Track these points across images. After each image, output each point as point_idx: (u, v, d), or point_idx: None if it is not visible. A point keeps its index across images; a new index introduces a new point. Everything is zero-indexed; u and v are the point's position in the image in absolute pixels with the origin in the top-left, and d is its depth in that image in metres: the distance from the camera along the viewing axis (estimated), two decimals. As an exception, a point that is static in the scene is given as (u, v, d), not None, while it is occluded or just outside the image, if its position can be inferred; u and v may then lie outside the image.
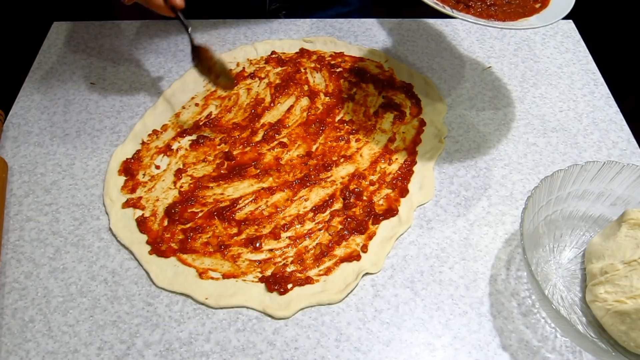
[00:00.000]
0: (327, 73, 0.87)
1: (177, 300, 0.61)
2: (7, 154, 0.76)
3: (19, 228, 0.67)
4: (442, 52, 0.91)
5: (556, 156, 0.76)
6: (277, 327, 0.59)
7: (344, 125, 0.79)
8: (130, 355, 0.57)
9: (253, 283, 0.62)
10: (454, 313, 0.60)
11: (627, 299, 0.55)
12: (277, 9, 0.99)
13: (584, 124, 0.80)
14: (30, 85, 0.85)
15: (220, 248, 0.65)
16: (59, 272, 0.63)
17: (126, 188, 0.71)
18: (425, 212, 0.70)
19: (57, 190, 0.71)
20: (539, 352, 0.58)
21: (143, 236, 0.66)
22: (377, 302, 0.61)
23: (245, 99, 0.83)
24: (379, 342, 0.58)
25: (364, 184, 0.72)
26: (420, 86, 0.84)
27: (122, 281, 0.63)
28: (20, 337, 0.58)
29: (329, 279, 0.63)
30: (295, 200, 0.70)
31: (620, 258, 0.57)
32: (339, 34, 0.94)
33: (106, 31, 0.94)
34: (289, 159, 0.75)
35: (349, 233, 0.67)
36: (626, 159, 0.76)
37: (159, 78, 0.86)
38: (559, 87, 0.86)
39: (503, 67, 0.89)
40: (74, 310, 0.60)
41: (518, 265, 0.65)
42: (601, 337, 0.58)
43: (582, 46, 0.93)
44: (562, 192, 0.65)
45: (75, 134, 0.78)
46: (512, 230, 0.68)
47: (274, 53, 0.89)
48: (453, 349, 0.58)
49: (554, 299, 0.61)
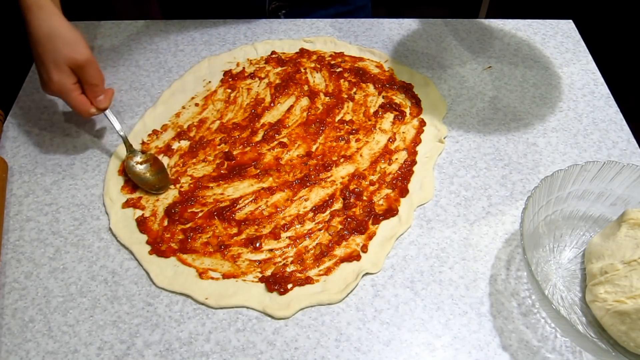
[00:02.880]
0: (327, 73, 0.87)
1: (177, 300, 0.61)
2: (7, 154, 0.76)
3: (19, 228, 0.67)
4: (442, 52, 0.91)
5: (556, 156, 0.76)
6: (277, 327, 0.59)
7: (344, 125, 0.79)
8: (130, 355, 0.57)
9: (253, 283, 0.62)
10: (454, 313, 0.60)
11: (627, 299, 0.55)
12: (277, 8, 0.99)
13: (584, 124, 0.80)
14: (30, 85, 0.85)
15: (220, 248, 0.65)
16: (59, 272, 0.63)
17: (126, 188, 0.71)
18: (425, 212, 0.70)
19: (57, 190, 0.71)
20: (539, 352, 0.58)
21: (143, 236, 0.66)
22: (377, 302, 0.61)
23: (245, 99, 0.83)
24: (379, 342, 0.58)
25: (364, 184, 0.72)
26: (420, 86, 0.84)
27: (122, 281, 0.63)
28: (20, 337, 0.58)
29: (329, 279, 0.63)
30: (295, 200, 0.70)
31: (620, 258, 0.57)
32: (339, 34, 0.94)
33: (106, 31, 0.94)
34: (289, 159, 0.75)
35: (349, 233, 0.67)
36: (626, 159, 0.76)
37: (159, 78, 0.86)
38: (559, 87, 0.86)
39: (503, 67, 0.89)
40: (74, 310, 0.60)
41: (518, 265, 0.65)
42: (601, 337, 0.58)
43: (582, 46, 0.93)
44: (562, 192, 0.65)
45: (75, 134, 0.78)
46: (512, 230, 0.68)
47: (274, 53, 0.89)
48: (453, 349, 0.58)
49: (554, 299, 0.61)
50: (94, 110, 0.70)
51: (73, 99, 0.68)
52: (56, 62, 0.66)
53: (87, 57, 0.67)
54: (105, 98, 0.71)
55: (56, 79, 0.66)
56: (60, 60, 0.66)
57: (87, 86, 0.69)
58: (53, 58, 0.66)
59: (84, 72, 0.68)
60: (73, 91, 0.68)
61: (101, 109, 0.71)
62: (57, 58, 0.66)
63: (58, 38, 0.66)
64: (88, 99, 0.70)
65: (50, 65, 0.66)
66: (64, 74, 0.67)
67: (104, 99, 0.71)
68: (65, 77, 0.67)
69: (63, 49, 0.66)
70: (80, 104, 0.69)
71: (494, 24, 0.97)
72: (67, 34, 0.66)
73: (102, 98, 0.71)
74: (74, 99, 0.68)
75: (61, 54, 0.66)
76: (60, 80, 0.67)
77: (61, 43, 0.66)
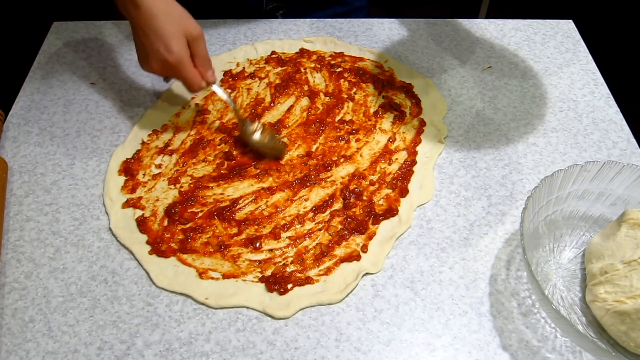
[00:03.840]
0: (327, 73, 0.87)
1: (177, 300, 0.61)
2: (7, 154, 0.76)
3: (19, 228, 0.67)
4: (442, 52, 0.91)
5: (556, 156, 0.76)
6: (277, 327, 0.59)
7: (344, 125, 0.79)
8: (130, 355, 0.57)
9: (253, 283, 0.62)
10: (454, 313, 0.60)
11: (627, 299, 0.55)
12: (274, 9, 0.99)
13: (584, 124, 0.80)
14: (30, 85, 0.85)
15: (220, 248, 0.65)
16: (59, 272, 0.63)
17: (126, 188, 0.71)
18: (425, 212, 0.70)
19: (57, 190, 0.71)
20: (539, 352, 0.58)
21: (143, 236, 0.66)
22: (377, 302, 0.61)
23: (245, 99, 0.83)
24: (379, 342, 0.58)
25: (364, 184, 0.72)
26: (420, 86, 0.84)
27: (122, 281, 0.63)
28: (20, 337, 0.58)
29: (329, 279, 0.63)
30: (295, 200, 0.70)
31: (620, 258, 0.57)
32: (339, 34, 0.94)
33: (106, 31, 0.94)
34: (289, 159, 0.75)
35: (349, 233, 0.67)
36: (626, 159, 0.76)
37: (159, 78, 0.86)
38: (559, 87, 0.86)
39: (503, 67, 0.89)
40: (74, 310, 0.60)
41: (518, 265, 0.65)
42: (601, 337, 0.58)
43: (582, 46, 0.93)
44: (562, 192, 0.65)
45: (75, 134, 0.78)
46: (512, 230, 0.68)
47: (274, 53, 0.89)
48: (453, 349, 0.58)
49: (554, 299, 0.61)
50: (204, 83, 0.72)
51: (189, 71, 0.70)
52: (175, 34, 0.67)
53: (200, 30, 0.70)
54: (213, 72, 0.73)
55: (176, 49, 0.68)
56: (179, 32, 0.68)
57: (199, 59, 0.71)
58: (172, 31, 0.67)
59: (197, 45, 0.70)
60: (190, 63, 0.70)
61: (210, 82, 0.73)
62: (176, 30, 0.67)
63: (175, 12, 0.68)
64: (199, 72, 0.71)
65: (170, 37, 0.67)
66: (183, 46, 0.68)
67: (213, 73, 0.73)
68: (184, 48, 0.68)
69: (181, 22, 0.68)
70: (194, 76, 0.71)
71: (494, 24, 0.97)
72: (180, 10, 0.69)
73: (211, 72, 0.73)
74: (189, 70, 0.70)
75: (180, 26, 0.68)
76: (180, 51, 0.68)
77: (178, 16, 0.68)
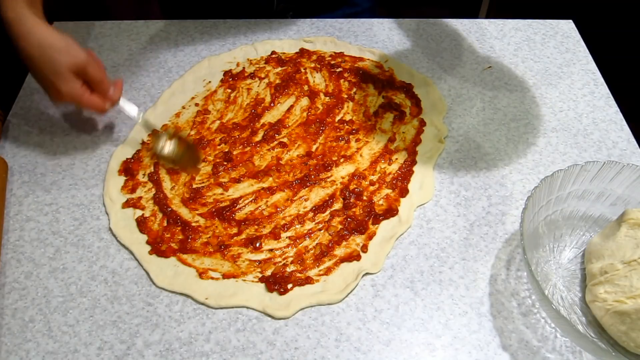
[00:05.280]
0: (327, 73, 0.87)
1: (177, 300, 0.61)
2: (7, 154, 0.76)
3: (19, 228, 0.67)
4: (442, 52, 0.91)
5: (556, 156, 0.76)
6: (277, 327, 0.59)
7: (344, 125, 0.79)
8: (130, 355, 0.57)
9: (253, 283, 0.62)
10: (454, 313, 0.60)
11: (627, 299, 0.55)
12: (285, 10, 0.98)
13: (584, 124, 0.80)
14: (30, 85, 0.85)
15: (220, 248, 0.65)
16: (59, 272, 0.63)
17: (126, 188, 0.71)
18: (425, 212, 0.70)
19: (57, 190, 0.71)
20: (539, 352, 0.58)
21: (143, 236, 0.66)
22: (377, 302, 0.61)
23: (245, 99, 0.83)
24: (379, 342, 0.58)
25: (364, 184, 0.72)
26: (420, 86, 0.84)
27: (122, 281, 0.63)
28: (20, 337, 0.58)
29: (329, 279, 0.63)
30: (295, 200, 0.70)
31: (620, 258, 0.57)
32: (339, 34, 0.94)
33: (106, 31, 0.94)
34: (289, 159, 0.75)
35: (349, 233, 0.67)
36: (626, 159, 0.76)
37: (159, 78, 0.86)
38: (559, 87, 0.86)
39: (503, 67, 0.89)
40: (74, 310, 0.60)
41: (518, 265, 0.65)
42: (601, 337, 0.58)
43: (582, 46, 0.93)
44: (562, 192, 0.65)
45: (75, 134, 0.78)
46: (512, 230, 0.68)
47: (274, 53, 0.89)
48: (453, 349, 0.58)
49: (554, 299, 0.61)
50: (108, 105, 0.70)
51: (86, 102, 0.67)
52: (58, 73, 0.64)
53: (84, 58, 0.66)
54: (116, 90, 0.71)
55: (64, 89, 0.65)
56: (61, 69, 0.64)
57: (94, 85, 0.68)
58: (53, 69, 0.64)
59: (86, 73, 0.66)
60: (84, 95, 0.67)
61: (115, 101, 0.71)
62: (57, 68, 0.64)
63: (50, 48, 0.63)
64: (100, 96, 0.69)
65: (53, 77, 0.64)
66: (70, 82, 0.65)
67: (115, 92, 0.70)
68: (71, 84, 0.65)
69: (60, 57, 0.64)
70: (94, 104, 0.68)
71: (494, 24, 0.97)
72: (57, 42, 0.64)
73: (112, 92, 0.70)
74: (86, 101, 0.67)
75: (60, 63, 0.64)
76: (68, 89, 0.65)
77: (56, 52, 0.63)
